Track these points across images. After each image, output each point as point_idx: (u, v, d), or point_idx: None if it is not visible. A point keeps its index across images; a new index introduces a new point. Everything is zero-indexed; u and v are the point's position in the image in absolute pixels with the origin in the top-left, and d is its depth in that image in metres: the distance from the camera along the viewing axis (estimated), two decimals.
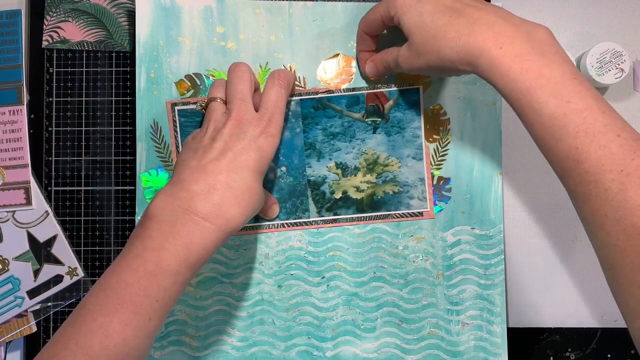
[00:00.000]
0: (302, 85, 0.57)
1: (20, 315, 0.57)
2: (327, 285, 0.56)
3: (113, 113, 0.58)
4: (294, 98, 0.56)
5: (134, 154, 0.58)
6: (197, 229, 0.43)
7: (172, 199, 0.44)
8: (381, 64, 0.53)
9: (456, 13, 0.44)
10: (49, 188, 0.58)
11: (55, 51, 0.59)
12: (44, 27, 0.59)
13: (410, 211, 0.56)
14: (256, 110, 0.49)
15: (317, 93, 0.56)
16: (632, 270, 0.38)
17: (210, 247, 0.44)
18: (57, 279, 0.57)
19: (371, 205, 0.56)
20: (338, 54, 0.57)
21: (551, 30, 0.44)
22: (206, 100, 0.51)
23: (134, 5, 0.58)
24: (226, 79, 0.52)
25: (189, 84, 0.56)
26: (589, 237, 0.41)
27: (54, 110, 0.58)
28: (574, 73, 0.41)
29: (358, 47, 0.55)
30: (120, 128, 0.58)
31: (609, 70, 0.55)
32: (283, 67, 0.57)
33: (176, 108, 0.56)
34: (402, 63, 0.49)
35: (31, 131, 0.58)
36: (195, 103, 0.56)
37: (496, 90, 0.45)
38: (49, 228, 0.57)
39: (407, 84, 0.56)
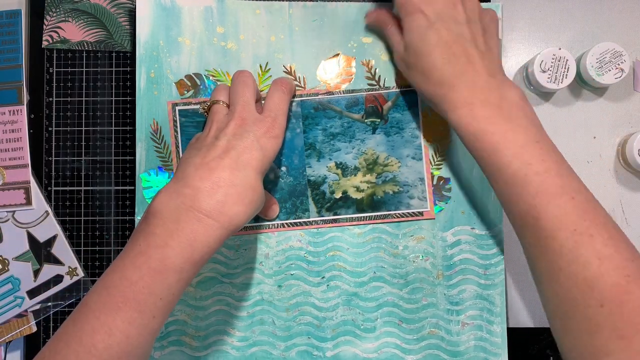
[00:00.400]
0: (302, 86, 0.57)
1: (20, 315, 0.57)
2: (327, 285, 0.56)
3: (113, 113, 0.58)
4: (295, 99, 0.56)
5: (133, 154, 0.58)
6: (200, 227, 0.43)
7: (175, 196, 0.44)
8: (382, 23, 0.55)
9: (448, 86, 0.47)
10: (49, 188, 0.58)
11: (55, 51, 0.59)
12: (44, 27, 0.59)
13: (410, 211, 0.56)
14: None
15: (317, 94, 0.56)
16: (581, 319, 0.41)
17: (213, 245, 0.44)
18: (57, 279, 0.57)
19: (371, 205, 0.56)
20: (338, 54, 0.57)
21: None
22: (209, 103, 0.51)
23: (134, 5, 0.58)
24: (229, 84, 0.53)
25: (189, 84, 0.57)
26: (539, 289, 0.45)
27: (54, 110, 0.58)
28: (537, 137, 0.45)
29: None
30: (120, 128, 0.58)
31: (609, 70, 0.55)
32: (283, 68, 0.57)
33: (177, 108, 0.56)
34: (398, 64, 0.53)
35: (31, 131, 0.58)
36: (197, 104, 0.56)
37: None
38: (49, 228, 0.57)
39: (405, 86, 0.56)
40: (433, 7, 0.48)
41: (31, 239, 0.57)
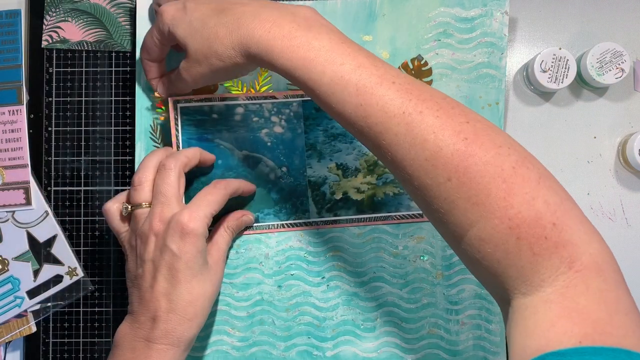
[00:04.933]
0: None
1: (20, 315, 0.57)
2: (327, 285, 0.56)
3: (113, 113, 0.58)
4: (296, 99, 0.56)
5: (133, 154, 0.58)
6: (154, 352, 0.47)
7: (129, 329, 0.48)
8: (167, 81, 0.53)
9: (223, 13, 0.45)
10: (49, 188, 0.58)
11: (55, 51, 0.58)
12: (44, 27, 0.58)
13: (410, 213, 0.56)
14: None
15: None
16: (439, 203, 0.40)
17: None
18: (57, 279, 0.57)
19: (371, 206, 0.56)
20: None
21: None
22: (129, 208, 0.50)
23: (134, 5, 0.58)
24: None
25: None
26: (400, 182, 0.43)
27: (53, 110, 0.58)
28: (342, 39, 0.43)
29: (147, 76, 0.54)
30: (120, 128, 0.58)
31: (609, 70, 0.55)
32: None
33: (178, 105, 0.56)
34: (185, 75, 0.49)
35: (31, 131, 0.58)
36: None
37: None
38: (49, 228, 0.57)
39: None
40: None
41: (31, 239, 0.57)
